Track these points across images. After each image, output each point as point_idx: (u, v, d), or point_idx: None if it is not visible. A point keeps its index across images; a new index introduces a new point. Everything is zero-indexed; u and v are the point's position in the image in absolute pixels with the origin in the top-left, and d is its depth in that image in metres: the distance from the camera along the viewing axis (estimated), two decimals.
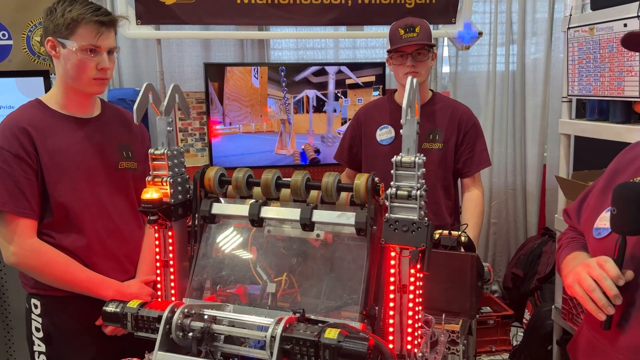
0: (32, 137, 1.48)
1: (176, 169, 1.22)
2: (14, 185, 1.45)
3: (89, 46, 1.48)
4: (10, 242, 1.47)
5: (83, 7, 1.48)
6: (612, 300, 1.01)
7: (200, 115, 3.22)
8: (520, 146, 3.64)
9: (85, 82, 1.52)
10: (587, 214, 1.26)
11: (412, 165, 1.01)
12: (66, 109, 1.57)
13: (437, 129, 2.12)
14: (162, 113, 1.22)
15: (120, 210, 1.61)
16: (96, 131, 1.60)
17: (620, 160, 1.25)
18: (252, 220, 1.18)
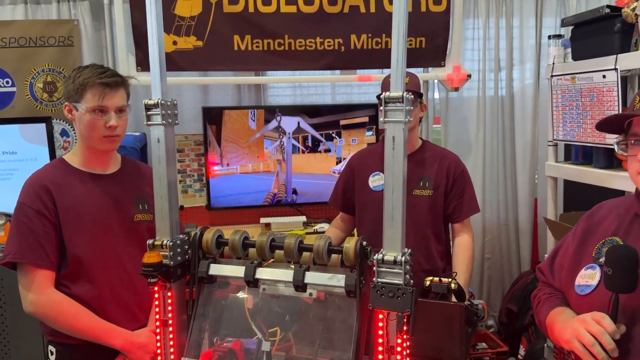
0: (52, 193, 1.60)
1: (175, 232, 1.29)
2: (34, 239, 1.56)
3: (96, 107, 1.60)
4: (29, 291, 1.58)
5: (90, 71, 1.62)
6: (610, 353, 1.10)
7: (199, 157, 3.31)
8: (511, 182, 3.72)
9: (97, 140, 1.64)
10: (565, 271, 1.35)
11: None
12: (86, 165, 1.70)
13: (427, 176, 2.21)
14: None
15: (134, 260, 1.69)
16: (114, 186, 1.71)
17: (589, 222, 1.36)
18: (247, 281, 1.24)
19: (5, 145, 2.96)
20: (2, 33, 3.02)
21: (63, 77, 3.12)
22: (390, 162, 1.08)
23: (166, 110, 1.28)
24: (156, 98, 1.26)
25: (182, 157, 3.30)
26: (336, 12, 3.10)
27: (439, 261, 2.24)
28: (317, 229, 3.17)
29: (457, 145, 3.64)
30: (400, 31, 1.06)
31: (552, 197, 2.55)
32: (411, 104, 1.07)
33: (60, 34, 3.10)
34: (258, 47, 3.08)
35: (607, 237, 1.28)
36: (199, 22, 3.00)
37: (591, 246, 1.31)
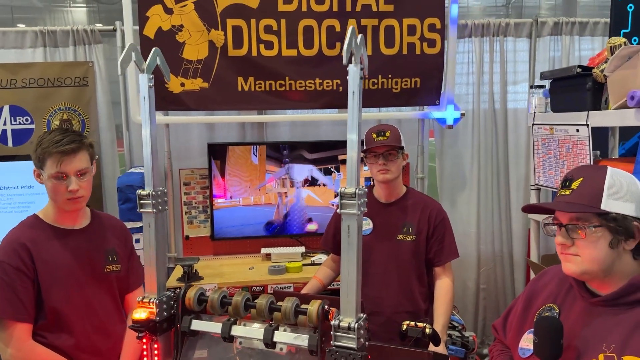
0: (30, 251, 1.74)
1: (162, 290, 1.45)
2: (13, 294, 1.70)
3: (55, 174, 1.74)
4: (8, 345, 1.70)
5: (49, 140, 1.74)
6: None
7: (204, 190, 3.49)
8: (505, 215, 3.83)
9: (61, 202, 1.79)
10: (512, 332, 1.47)
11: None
12: (57, 222, 1.84)
13: (410, 222, 2.35)
14: (144, 70, 1.39)
15: (105, 307, 1.86)
16: (84, 240, 1.86)
17: (534, 285, 1.47)
18: (223, 337, 1.40)
19: (23, 180, 3.17)
20: (23, 74, 3.26)
21: (78, 115, 3.34)
22: (345, 247, 1.23)
23: (156, 200, 1.41)
24: (148, 190, 1.40)
25: (188, 189, 3.48)
26: (334, 55, 3.27)
27: (421, 303, 2.37)
28: (315, 260, 3.32)
29: (452, 178, 3.78)
30: (353, 137, 1.21)
31: (534, 239, 2.66)
32: (365, 196, 1.22)
33: (76, 74, 3.32)
34: (260, 87, 3.25)
35: (547, 303, 1.39)
36: (205, 65, 3.19)
37: (534, 311, 1.42)
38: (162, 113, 3.26)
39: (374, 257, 2.35)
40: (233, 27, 3.16)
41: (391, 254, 2.35)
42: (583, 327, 1.29)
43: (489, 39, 3.62)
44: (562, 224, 1.29)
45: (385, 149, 2.28)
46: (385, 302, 2.32)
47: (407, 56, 3.32)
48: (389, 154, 2.29)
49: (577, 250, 1.27)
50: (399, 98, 3.38)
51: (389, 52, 3.31)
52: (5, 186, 3.16)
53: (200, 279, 3.00)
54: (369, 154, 2.32)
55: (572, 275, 1.31)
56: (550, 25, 3.63)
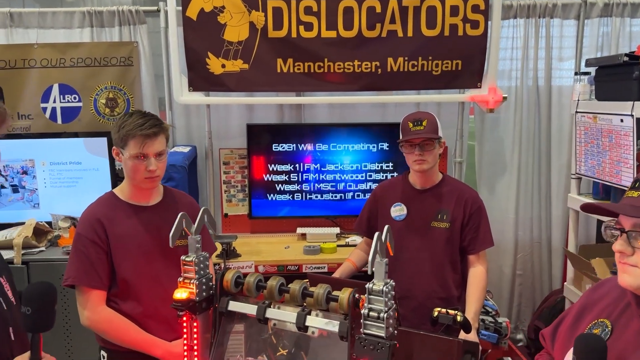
0: (104, 225, 1.89)
1: (202, 272, 1.52)
2: (89, 264, 1.87)
3: (137, 154, 1.86)
4: (85, 309, 1.88)
5: (133, 122, 1.87)
6: None
7: (242, 169, 3.56)
8: (545, 201, 3.76)
9: (139, 181, 1.92)
10: (558, 344, 1.37)
11: (381, 293, 1.26)
12: (132, 199, 1.98)
13: (445, 209, 2.35)
14: (192, 233, 1.52)
15: (172, 279, 1.92)
16: (156, 216, 1.98)
17: (589, 297, 1.35)
18: (258, 319, 1.47)
19: (71, 156, 3.32)
20: (71, 54, 3.37)
21: (123, 94, 3.45)
22: None
23: (199, 265, 1.51)
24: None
25: (228, 169, 3.56)
26: (374, 36, 3.25)
27: (454, 289, 2.38)
28: (349, 241, 3.36)
29: (492, 162, 3.73)
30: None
31: (573, 229, 2.62)
32: (392, 290, 1.26)
33: (122, 54, 3.41)
34: (299, 69, 3.27)
35: (600, 318, 1.27)
36: (245, 47, 3.22)
37: (585, 324, 1.30)
38: (203, 94, 3.33)
39: (407, 242, 2.36)
40: (273, 8, 3.17)
41: (424, 240, 2.36)
42: (635, 350, 1.16)
43: (534, 20, 3.51)
44: (624, 229, 1.15)
45: (421, 140, 2.27)
46: (417, 287, 2.34)
47: (448, 38, 3.27)
48: (425, 144, 2.28)
49: (638, 260, 1.13)
50: (439, 81, 3.34)
51: (431, 33, 3.26)
52: (55, 162, 3.31)
53: (238, 256, 3.09)
54: (405, 144, 2.31)
55: (628, 288, 1.18)
56: (600, 6, 3.49)
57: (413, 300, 2.32)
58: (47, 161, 3.30)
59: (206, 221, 1.57)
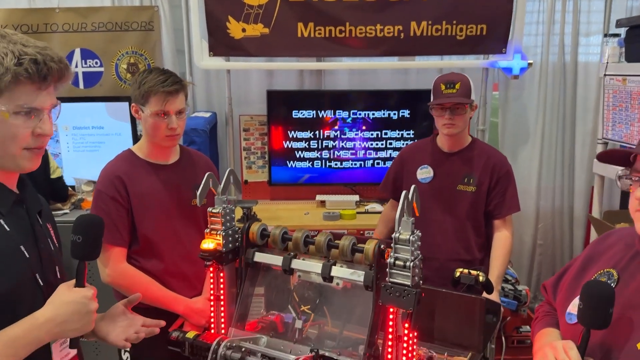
0: (124, 183, 1.88)
1: (228, 224, 1.53)
2: (110, 221, 1.85)
3: (159, 111, 1.85)
4: (106, 265, 1.89)
5: (154, 79, 1.84)
6: None
7: (262, 136, 3.56)
8: (568, 171, 3.71)
9: (160, 138, 1.91)
10: (562, 294, 1.35)
11: (407, 242, 1.26)
12: (150, 157, 1.97)
13: (471, 173, 2.34)
14: (219, 194, 1.52)
15: (191, 238, 1.97)
16: (174, 175, 1.98)
17: (596, 248, 1.34)
18: (284, 269, 1.48)
19: (93, 121, 3.34)
20: (92, 18, 3.37)
21: (144, 59, 3.45)
22: None
23: (225, 217, 1.52)
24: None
25: (248, 135, 3.56)
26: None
27: (476, 252, 2.37)
28: (369, 209, 3.36)
29: (516, 130, 3.67)
30: None
31: (598, 195, 2.58)
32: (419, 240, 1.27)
33: (142, 19, 3.40)
34: (320, 34, 3.24)
35: (606, 268, 1.26)
36: (266, 11, 3.19)
37: (591, 274, 1.30)
38: (223, 59, 3.32)
39: (432, 204, 2.35)
40: None
41: (449, 203, 2.35)
42: None
43: None
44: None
45: (453, 104, 2.23)
46: (440, 248, 2.34)
47: (473, 1, 3.20)
48: (456, 108, 2.23)
49: None
50: (463, 46, 3.28)
51: None
52: (77, 126, 3.34)
53: (258, 222, 3.10)
54: (436, 106, 2.27)
55: None
56: None
57: (435, 262, 2.32)
58: (70, 126, 3.33)
59: (232, 182, 1.57)
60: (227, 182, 1.55)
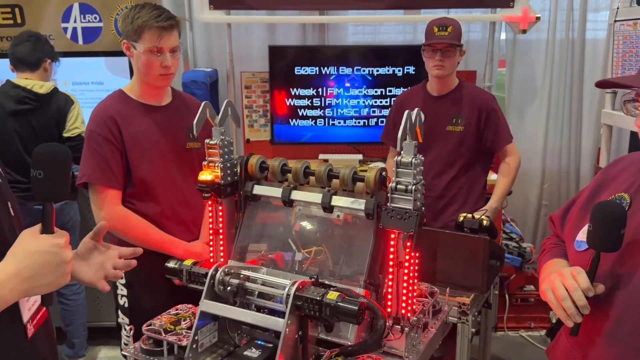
0: (117, 123, 1.81)
1: (226, 156, 1.50)
2: (104, 162, 1.80)
3: (153, 48, 1.76)
4: (101, 208, 1.83)
5: (148, 13, 1.75)
6: (581, 310, 1.07)
7: (264, 94, 3.50)
8: (575, 130, 3.64)
9: (153, 77, 1.83)
10: (570, 224, 1.31)
11: (409, 165, 1.23)
12: (142, 97, 1.90)
13: (459, 114, 2.42)
14: (216, 125, 1.49)
15: (187, 182, 1.93)
16: (167, 117, 1.92)
17: (606, 174, 1.29)
18: (283, 201, 1.45)
19: (93, 76, 3.29)
20: None
21: None
22: None
23: (223, 149, 1.48)
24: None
25: (249, 93, 3.51)
26: None
27: (465, 191, 2.46)
28: (372, 167, 3.33)
29: (522, 89, 3.60)
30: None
31: (605, 145, 2.54)
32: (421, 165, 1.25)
33: None
34: None
35: (617, 192, 1.20)
36: None
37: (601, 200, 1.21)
38: (224, 12, 3.25)
39: (424, 146, 2.38)
40: None
41: (440, 144, 2.42)
42: None
43: None
44: None
45: (444, 46, 2.31)
46: (431, 187, 2.41)
47: None
48: (447, 50, 2.32)
49: None
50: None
51: None
52: (77, 82, 3.29)
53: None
54: (427, 48, 2.35)
55: None
56: None
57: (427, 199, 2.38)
58: (70, 81, 3.28)
59: (230, 114, 1.53)
60: (225, 113, 1.52)
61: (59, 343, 3.01)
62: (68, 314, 2.88)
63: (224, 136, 1.50)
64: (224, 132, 1.51)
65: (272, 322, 1.21)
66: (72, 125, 2.75)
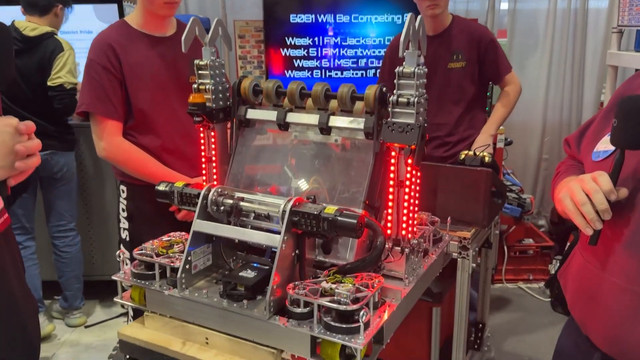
0: (117, 52, 1.76)
1: (217, 79, 1.43)
2: (103, 92, 1.75)
3: None
4: (101, 139, 1.80)
5: None
6: (601, 215, 0.97)
7: (259, 43, 3.40)
8: (578, 82, 3.58)
9: (157, 5, 1.77)
10: (587, 141, 1.21)
11: (412, 76, 1.16)
12: (146, 28, 1.84)
13: (459, 49, 2.37)
14: (206, 44, 1.41)
15: (190, 117, 1.86)
16: (170, 48, 1.85)
17: (629, 84, 1.19)
18: (279, 124, 1.38)
19: (81, 25, 3.19)
20: None
21: None
22: None
23: (214, 70, 1.42)
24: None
25: (243, 43, 3.41)
26: None
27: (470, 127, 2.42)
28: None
29: (523, 38, 3.52)
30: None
31: (609, 87, 2.47)
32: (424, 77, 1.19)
33: None
34: None
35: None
36: None
37: None
38: None
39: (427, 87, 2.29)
40: None
41: (443, 83, 2.37)
42: None
43: None
44: None
45: None
46: (438, 128, 2.37)
47: None
48: None
49: None
50: None
51: None
52: (65, 31, 3.17)
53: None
54: None
55: None
56: None
57: (435, 140, 2.37)
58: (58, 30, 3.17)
59: (220, 34, 1.45)
60: (215, 32, 1.44)
61: (56, 295, 2.98)
62: (62, 266, 2.85)
63: (214, 57, 1.43)
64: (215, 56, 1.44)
65: (268, 239, 1.16)
66: (56, 75, 2.66)
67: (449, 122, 2.37)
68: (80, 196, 3.01)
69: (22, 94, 2.59)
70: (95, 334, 2.88)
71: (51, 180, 2.74)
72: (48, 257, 2.91)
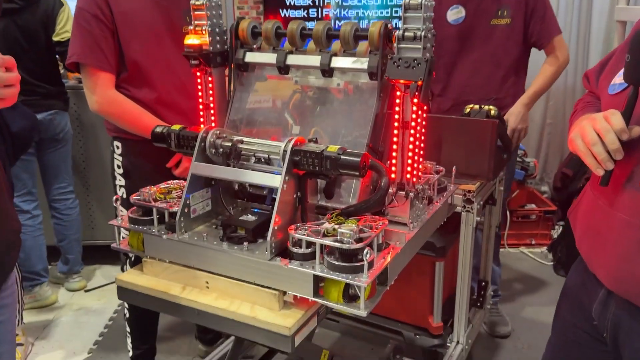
0: (108, 1, 1.68)
1: (214, 20, 1.37)
2: (94, 42, 1.68)
3: None
4: (93, 92, 1.73)
5: None
6: (613, 155, 0.95)
7: (257, 5, 3.32)
8: (583, 44, 3.50)
9: None
10: (606, 73, 1.16)
11: (419, 7, 1.10)
12: None
13: (504, 5, 2.18)
14: None
15: (186, 69, 1.79)
16: None
17: None
18: (279, 67, 1.33)
19: None
20: None
21: None
22: None
23: (211, 11, 1.35)
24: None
25: (241, 4, 3.32)
26: None
27: (510, 90, 2.26)
28: None
29: None
30: None
31: (617, 43, 2.40)
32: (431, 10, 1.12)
33: None
34: None
35: None
36: None
37: None
38: None
39: (465, 46, 2.21)
40: None
41: (484, 41, 2.19)
42: None
43: None
44: None
45: None
46: (471, 91, 2.21)
47: None
48: None
49: None
50: None
51: None
52: None
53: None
54: None
55: None
56: None
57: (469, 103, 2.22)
58: None
59: None
60: None
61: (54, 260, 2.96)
62: (61, 229, 2.81)
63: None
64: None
65: (268, 179, 1.12)
66: (62, 29, 2.60)
67: (485, 86, 2.20)
68: (75, 161, 2.96)
69: (24, 56, 2.52)
70: (96, 297, 2.87)
71: (52, 141, 2.68)
72: (45, 223, 2.86)
